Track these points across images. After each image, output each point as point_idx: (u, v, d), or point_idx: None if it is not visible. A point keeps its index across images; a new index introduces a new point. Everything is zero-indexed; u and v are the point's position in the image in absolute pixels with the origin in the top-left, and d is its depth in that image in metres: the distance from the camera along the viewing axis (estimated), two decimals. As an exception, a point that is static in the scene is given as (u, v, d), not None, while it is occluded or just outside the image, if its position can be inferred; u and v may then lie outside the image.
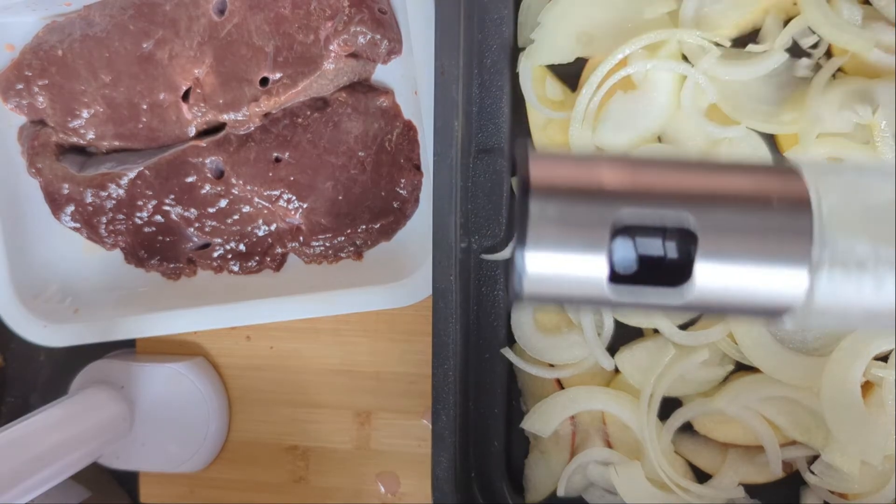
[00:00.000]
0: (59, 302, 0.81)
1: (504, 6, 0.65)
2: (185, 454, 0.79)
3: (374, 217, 0.74)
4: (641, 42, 0.60)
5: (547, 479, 0.67)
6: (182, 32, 0.75)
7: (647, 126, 0.62)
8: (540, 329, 0.66)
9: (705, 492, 0.62)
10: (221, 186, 0.76)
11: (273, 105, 0.73)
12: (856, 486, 0.60)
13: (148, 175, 0.76)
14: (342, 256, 0.76)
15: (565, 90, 0.65)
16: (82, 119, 0.78)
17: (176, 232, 0.78)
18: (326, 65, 0.71)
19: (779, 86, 0.61)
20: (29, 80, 0.78)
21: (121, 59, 0.76)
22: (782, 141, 0.61)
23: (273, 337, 0.80)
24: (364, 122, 0.74)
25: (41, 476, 0.67)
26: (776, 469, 0.62)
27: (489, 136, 0.66)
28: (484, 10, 0.65)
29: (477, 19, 0.65)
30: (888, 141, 0.57)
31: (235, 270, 0.78)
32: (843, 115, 0.57)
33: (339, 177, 0.74)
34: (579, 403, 0.65)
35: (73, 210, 0.79)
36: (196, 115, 0.75)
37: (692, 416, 0.64)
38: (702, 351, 0.61)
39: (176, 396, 0.79)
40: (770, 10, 0.61)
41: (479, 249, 0.66)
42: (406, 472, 0.78)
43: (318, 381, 0.79)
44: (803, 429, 0.61)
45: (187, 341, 0.82)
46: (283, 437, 0.80)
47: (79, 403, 0.76)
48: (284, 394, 0.80)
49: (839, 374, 0.57)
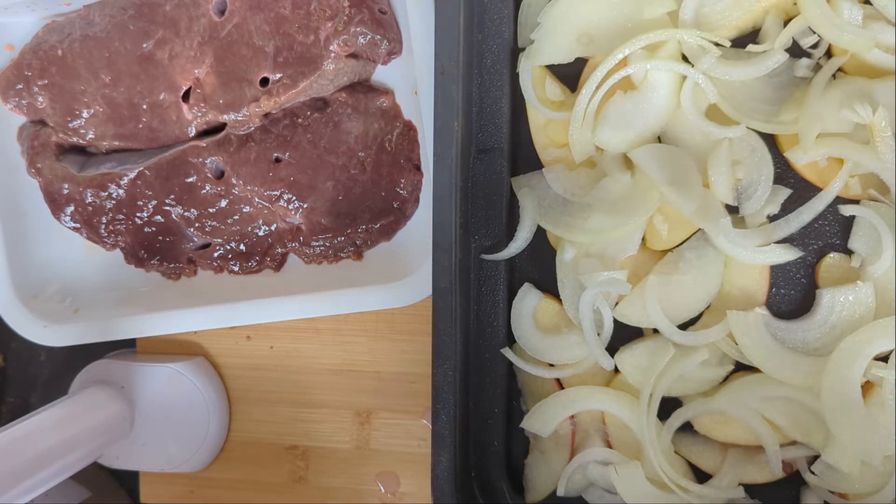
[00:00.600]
0: (58, 302, 0.81)
1: (504, 6, 0.65)
2: (185, 454, 0.79)
3: (374, 217, 0.74)
4: (641, 42, 0.60)
5: (547, 478, 0.67)
6: (182, 32, 0.75)
7: (647, 126, 0.62)
8: (540, 329, 0.66)
9: (705, 492, 0.62)
10: (221, 186, 0.76)
11: (273, 105, 0.73)
12: (856, 486, 0.60)
13: (148, 175, 0.76)
14: (342, 256, 0.76)
15: (565, 90, 0.65)
16: (82, 119, 0.78)
17: (176, 232, 0.78)
18: (326, 65, 0.71)
19: (779, 86, 0.61)
20: (29, 79, 0.78)
21: (121, 59, 0.76)
22: (782, 141, 0.61)
23: (273, 337, 0.80)
24: (364, 122, 0.74)
25: (41, 476, 0.67)
26: (776, 469, 0.62)
27: (489, 137, 0.66)
28: (484, 10, 0.65)
29: (477, 19, 0.65)
30: (888, 141, 0.57)
31: (235, 270, 0.78)
32: (843, 115, 0.57)
33: (340, 177, 0.74)
34: (579, 403, 0.65)
35: (73, 210, 0.79)
36: (196, 115, 0.75)
37: (692, 416, 0.64)
38: (701, 351, 0.61)
39: (176, 396, 0.79)
40: (770, 10, 0.61)
41: (479, 249, 0.66)
42: (406, 472, 0.78)
43: (318, 381, 0.79)
44: (803, 429, 0.61)
45: (187, 341, 0.82)
46: (283, 437, 0.80)
47: (79, 403, 0.76)
48: (284, 394, 0.80)
49: (839, 374, 0.57)
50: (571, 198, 0.64)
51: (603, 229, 0.62)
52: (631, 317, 0.63)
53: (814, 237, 0.62)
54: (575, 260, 0.64)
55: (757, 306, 0.61)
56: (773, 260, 0.61)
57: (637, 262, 0.64)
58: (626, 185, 0.62)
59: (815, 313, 0.60)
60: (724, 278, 0.62)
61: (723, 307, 0.62)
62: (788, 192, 0.61)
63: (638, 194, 0.62)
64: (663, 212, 0.63)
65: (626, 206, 0.62)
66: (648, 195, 0.61)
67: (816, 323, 0.60)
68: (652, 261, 0.64)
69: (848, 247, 0.61)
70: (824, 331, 0.60)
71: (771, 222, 0.61)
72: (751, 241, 0.61)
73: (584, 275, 0.63)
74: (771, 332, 0.60)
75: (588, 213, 0.63)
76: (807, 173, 0.61)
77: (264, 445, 0.81)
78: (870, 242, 0.60)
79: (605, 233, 0.62)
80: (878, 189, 0.60)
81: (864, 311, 0.59)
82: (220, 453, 0.81)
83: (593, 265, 0.63)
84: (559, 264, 0.65)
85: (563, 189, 0.64)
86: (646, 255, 0.64)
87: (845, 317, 0.59)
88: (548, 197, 0.65)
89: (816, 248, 0.62)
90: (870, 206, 0.59)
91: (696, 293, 0.62)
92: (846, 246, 0.61)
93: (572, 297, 0.64)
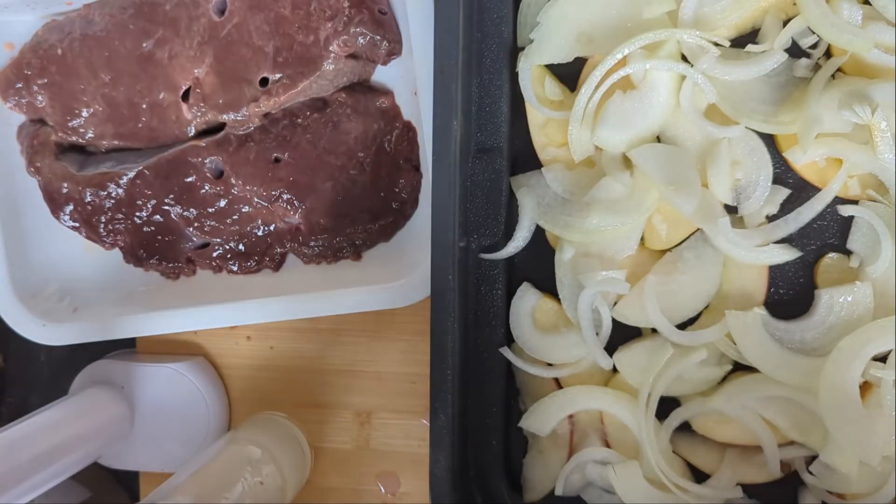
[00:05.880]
0: (58, 301, 0.81)
1: (503, 6, 0.65)
2: (185, 454, 0.79)
3: (373, 217, 0.74)
4: (640, 42, 0.60)
5: (545, 478, 0.67)
6: (182, 32, 0.75)
7: (646, 126, 0.62)
8: (538, 328, 0.66)
9: (703, 491, 0.62)
10: (221, 186, 0.76)
11: (273, 105, 0.73)
12: (854, 486, 0.60)
13: (147, 175, 0.76)
14: (341, 256, 0.76)
15: (564, 90, 0.65)
16: (82, 118, 0.78)
17: (175, 231, 0.78)
18: (326, 65, 0.71)
19: (778, 86, 0.61)
20: (28, 78, 0.78)
21: (121, 59, 0.76)
22: (781, 141, 0.61)
23: (273, 337, 0.80)
24: (364, 122, 0.74)
25: (41, 476, 0.67)
26: (774, 469, 0.62)
27: (488, 136, 0.66)
28: (483, 9, 0.65)
29: (476, 19, 0.65)
30: (888, 141, 0.57)
31: (234, 270, 0.78)
32: (842, 115, 0.57)
33: (339, 177, 0.74)
34: (577, 403, 0.65)
35: (72, 209, 0.79)
36: (196, 114, 0.75)
37: (690, 416, 0.64)
38: (700, 351, 0.61)
39: (176, 396, 0.79)
40: (769, 10, 0.61)
41: (477, 249, 0.66)
42: (406, 472, 0.78)
43: (318, 381, 0.79)
44: (801, 429, 0.61)
45: (187, 341, 0.82)
46: (282, 436, 0.80)
47: (79, 404, 0.76)
48: (284, 394, 0.80)
49: (837, 374, 0.57)
50: (570, 197, 0.64)
51: (602, 229, 0.62)
52: (629, 316, 0.63)
53: (812, 237, 0.62)
54: (574, 259, 0.64)
55: (755, 306, 0.61)
56: (772, 260, 0.61)
57: (636, 262, 0.64)
58: (625, 185, 0.62)
59: (814, 313, 0.60)
60: (723, 278, 0.62)
61: (721, 307, 0.62)
62: (787, 192, 0.61)
63: (637, 194, 0.62)
64: (662, 211, 0.63)
65: (624, 205, 0.62)
66: (647, 195, 0.62)
67: (815, 323, 0.60)
68: (651, 260, 0.64)
69: (847, 247, 0.61)
70: (823, 331, 0.60)
71: (770, 222, 0.61)
72: (749, 241, 0.61)
73: (582, 274, 0.63)
74: (769, 332, 0.60)
75: (587, 212, 0.63)
76: (806, 173, 0.61)
77: (264, 445, 0.81)
78: (868, 243, 0.60)
79: (604, 232, 0.62)
80: (877, 189, 0.60)
81: (863, 311, 0.59)
82: (220, 453, 0.81)
83: (592, 265, 0.63)
84: (558, 264, 0.65)
85: (562, 188, 0.64)
86: (644, 255, 0.64)
87: (844, 317, 0.59)
88: (547, 196, 0.65)
89: (815, 249, 0.62)
90: (869, 207, 0.59)
91: (695, 293, 0.62)
92: (845, 246, 0.61)
93: (571, 296, 0.64)
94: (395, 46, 0.72)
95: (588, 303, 0.63)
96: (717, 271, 0.62)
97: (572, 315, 0.64)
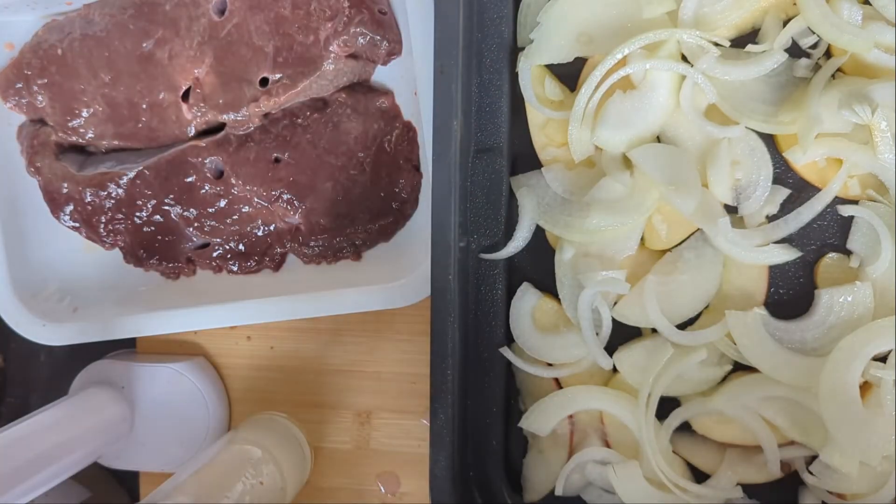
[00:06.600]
0: (58, 301, 0.81)
1: (503, 6, 0.65)
2: (185, 454, 0.79)
3: (373, 217, 0.74)
4: (640, 42, 0.60)
5: (545, 478, 0.67)
6: (182, 32, 0.75)
7: (646, 126, 0.62)
8: (538, 328, 0.66)
9: (703, 491, 0.62)
10: (221, 186, 0.76)
11: (273, 105, 0.73)
12: (854, 486, 0.60)
13: (147, 175, 0.76)
14: (341, 256, 0.76)
15: (564, 90, 0.65)
16: (82, 118, 0.78)
17: (175, 231, 0.78)
18: (326, 65, 0.71)
19: (778, 86, 0.61)
20: (28, 78, 0.78)
21: (121, 59, 0.76)
22: (781, 141, 0.61)
23: (273, 337, 0.80)
24: (364, 122, 0.74)
25: (41, 476, 0.67)
26: (774, 469, 0.62)
27: (488, 136, 0.66)
28: (483, 9, 0.65)
29: (476, 19, 0.65)
30: (888, 141, 0.57)
31: (234, 270, 0.78)
32: (842, 115, 0.57)
33: (339, 177, 0.74)
34: (577, 403, 0.65)
35: (72, 209, 0.79)
36: (196, 114, 0.75)
37: (690, 416, 0.64)
38: (700, 351, 0.61)
39: (176, 396, 0.79)
40: (769, 10, 0.61)
41: (477, 249, 0.66)
42: (406, 472, 0.78)
43: (318, 381, 0.79)
44: (802, 429, 0.61)
45: (187, 341, 0.82)
46: (282, 436, 0.80)
47: (79, 404, 0.76)
48: (284, 394, 0.80)
49: (837, 374, 0.57)
50: (570, 197, 0.64)
51: (602, 229, 0.62)
52: (629, 316, 0.63)
53: (812, 237, 0.62)
54: (574, 259, 0.64)
55: (755, 306, 0.61)
56: (772, 260, 0.61)
57: (636, 262, 0.64)
58: (625, 185, 0.62)
59: (814, 313, 0.60)
60: (723, 278, 0.62)
61: (721, 307, 0.62)
62: (787, 192, 0.61)
63: (637, 194, 0.62)
64: (662, 211, 0.63)
65: (624, 205, 0.62)
66: (647, 195, 0.61)
67: (815, 323, 0.60)
68: (651, 260, 0.64)
69: (847, 247, 0.61)
70: (823, 331, 0.60)
71: (770, 222, 0.61)
72: (749, 240, 0.61)
73: (582, 274, 0.63)
74: (769, 332, 0.60)
75: (587, 212, 0.63)
76: (806, 173, 0.61)
77: (264, 445, 0.81)
78: (868, 243, 0.60)
79: (604, 232, 0.62)
80: (877, 189, 0.60)
81: (863, 311, 0.59)
82: (220, 453, 0.81)
83: (592, 265, 0.63)
84: (558, 264, 0.65)
85: (562, 188, 0.64)
86: (644, 255, 0.64)
87: (844, 317, 0.59)
88: (547, 196, 0.65)
89: (815, 248, 0.62)
90: (868, 207, 0.59)
91: (695, 293, 0.62)
92: (845, 246, 0.61)
93: (571, 296, 0.64)
94: (395, 46, 0.72)
95: (588, 303, 0.63)
96: (717, 271, 0.62)
97: (572, 315, 0.64)
